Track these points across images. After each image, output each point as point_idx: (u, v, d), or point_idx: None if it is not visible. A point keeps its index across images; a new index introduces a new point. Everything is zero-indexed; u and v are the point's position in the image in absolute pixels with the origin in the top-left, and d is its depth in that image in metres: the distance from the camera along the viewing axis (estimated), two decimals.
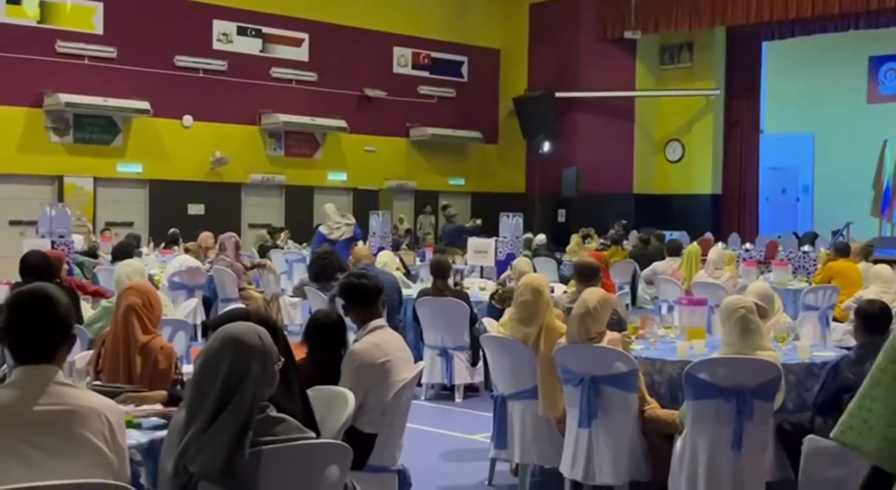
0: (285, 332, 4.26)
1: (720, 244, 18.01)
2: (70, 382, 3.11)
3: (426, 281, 11.84)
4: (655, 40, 25.55)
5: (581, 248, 16.74)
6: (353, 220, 15.60)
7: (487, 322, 7.16)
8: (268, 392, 3.26)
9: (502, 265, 13.12)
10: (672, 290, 12.51)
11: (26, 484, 2.77)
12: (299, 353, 5.11)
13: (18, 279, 7.64)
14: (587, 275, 7.52)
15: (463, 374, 9.22)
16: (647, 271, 15.02)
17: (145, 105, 19.77)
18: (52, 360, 3.05)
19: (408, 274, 13.23)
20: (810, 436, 5.30)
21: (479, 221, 21.56)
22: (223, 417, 3.09)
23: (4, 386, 3.11)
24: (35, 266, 6.92)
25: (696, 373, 5.27)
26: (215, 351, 3.19)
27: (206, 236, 14.48)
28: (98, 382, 4.45)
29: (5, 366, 4.42)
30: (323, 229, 15.01)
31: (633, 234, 20.89)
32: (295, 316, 13.01)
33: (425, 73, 25.23)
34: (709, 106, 25.46)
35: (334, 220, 15.19)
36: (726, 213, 25.46)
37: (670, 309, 8.04)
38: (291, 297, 12.91)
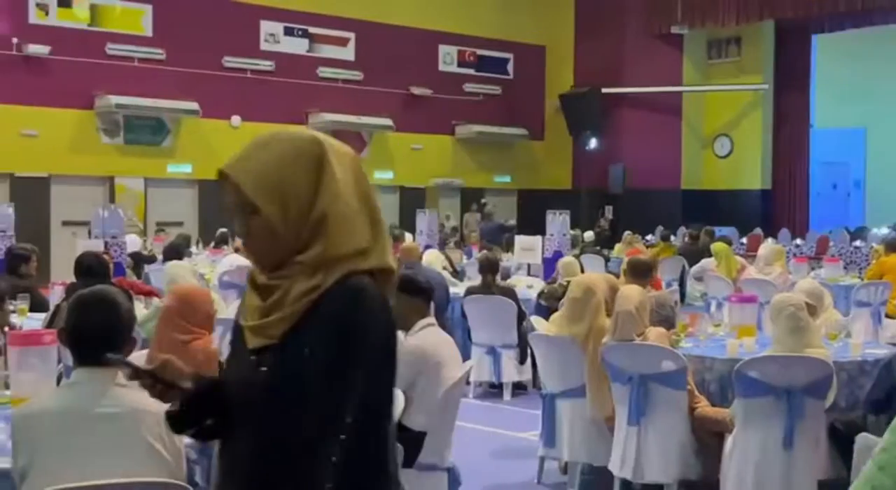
0: None
1: (770, 240, 17.84)
2: (129, 384, 3.17)
3: (473, 279, 11.88)
4: (702, 35, 25.36)
5: (629, 247, 16.64)
6: None
7: (535, 320, 7.16)
8: None
9: (549, 263, 13.09)
10: (721, 287, 12.40)
11: (87, 482, 2.84)
12: None
13: (73, 279, 7.79)
14: (640, 271, 7.47)
15: (511, 372, 9.23)
16: (695, 268, 14.90)
17: (194, 106, 19.98)
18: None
19: (454, 272, 13.26)
20: (862, 434, 5.25)
21: (512, 221, 21.56)
22: None
23: (65, 386, 3.18)
24: (90, 267, 7.03)
25: (747, 371, 5.25)
26: None
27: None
28: None
29: (60, 364, 4.52)
30: None
31: (682, 230, 20.77)
32: None
33: (471, 71, 25.24)
34: (757, 100, 25.21)
35: None
36: (776, 209, 25.22)
37: (719, 306, 8.01)
38: None
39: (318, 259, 1.96)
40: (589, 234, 18.29)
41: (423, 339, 4.99)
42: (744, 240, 20.90)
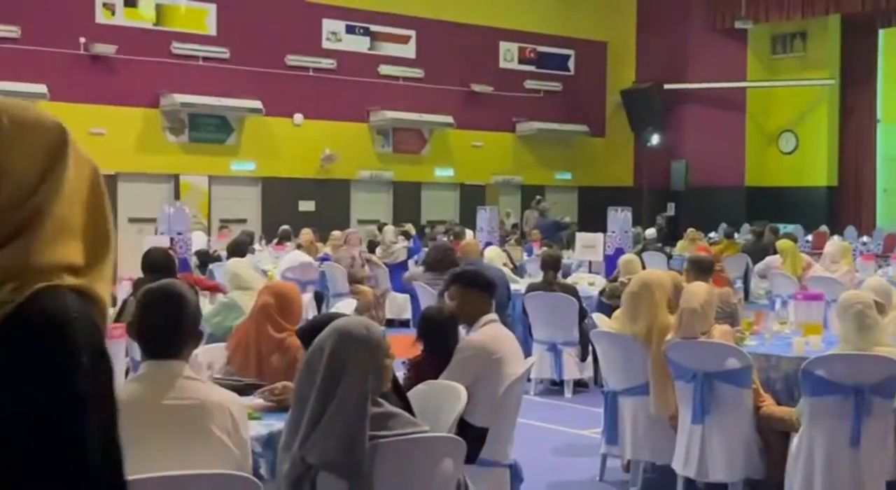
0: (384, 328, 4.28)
1: (836, 237, 17.58)
2: (196, 377, 3.22)
3: (533, 276, 11.86)
4: (767, 29, 25.02)
5: (692, 244, 16.50)
6: (409, 242, 15.55)
7: (597, 317, 7.13)
8: (379, 386, 3.32)
9: (611, 260, 13.02)
10: (786, 284, 12.26)
11: (156, 474, 2.88)
12: (413, 351, 5.19)
13: (139, 275, 7.90)
14: (703, 268, 7.41)
15: (572, 369, 9.20)
16: (759, 266, 14.74)
17: (257, 104, 20.18)
18: (180, 355, 3.16)
19: (514, 269, 13.25)
20: None
21: (567, 219, 21.48)
22: (332, 408, 3.17)
23: (133, 379, 3.23)
24: (156, 263, 7.13)
25: (814, 369, 5.18)
26: (322, 343, 3.29)
27: (305, 232, 14.83)
28: (219, 376, 4.58)
29: (128, 358, 4.59)
30: (378, 252, 14.68)
31: (746, 227, 20.54)
32: (403, 311, 13.20)
33: (531, 68, 25.18)
34: (823, 96, 24.82)
35: (389, 240, 15.02)
36: (842, 206, 24.81)
37: (784, 304, 7.91)
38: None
39: (15, 263, 1.41)
40: (650, 232, 18.16)
41: (485, 334, 4.99)
42: (809, 237, 20.61)
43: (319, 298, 12.39)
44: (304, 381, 3.33)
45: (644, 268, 9.81)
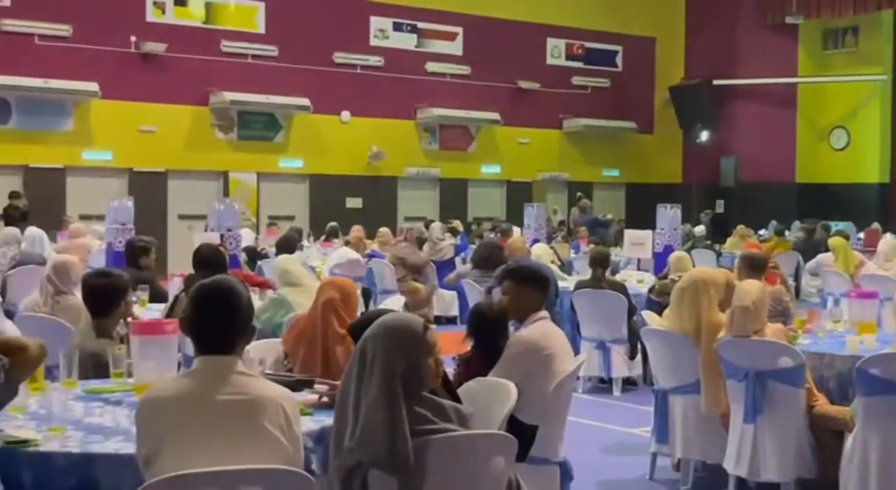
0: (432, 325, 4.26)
1: (889, 235, 17.32)
2: (249, 372, 3.22)
3: (581, 273, 11.81)
4: (818, 24, 24.73)
5: (742, 241, 16.34)
6: (456, 239, 15.48)
7: (647, 315, 7.07)
8: (420, 382, 3.30)
9: (660, 258, 12.93)
10: (839, 282, 12.10)
11: (208, 469, 2.90)
12: (461, 347, 5.18)
13: (190, 271, 7.97)
14: (756, 266, 7.33)
15: (621, 367, 9.14)
16: (811, 263, 14.58)
17: (305, 102, 20.29)
18: (233, 350, 3.17)
19: (561, 266, 13.20)
20: None
21: (609, 216, 21.36)
22: (366, 404, 3.18)
23: (186, 375, 3.25)
24: (208, 259, 7.19)
25: (868, 368, 5.10)
26: (363, 338, 3.30)
27: (356, 229, 14.92)
28: (270, 372, 4.61)
29: (180, 354, 4.63)
30: (425, 249, 14.54)
31: (796, 224, 20.30)
32: (450, 308, 13.20)
33: (579, 64, 25.09)
34: (875, 91, 24.48)
35: (436, 237, 14.94)
36: (895, 203, 24.44)
37: (836, 302, 7.80)
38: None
39: None
40: (700, 229, 18.02)
41: (536, 330, 4.97)
42: (861, 235, 20.30)
43: (367, 295, 12.43)
44: (347, 375, 3.34)
45: (694, 265, 9.72)
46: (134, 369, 4.26)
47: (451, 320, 12.93)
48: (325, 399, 4.09)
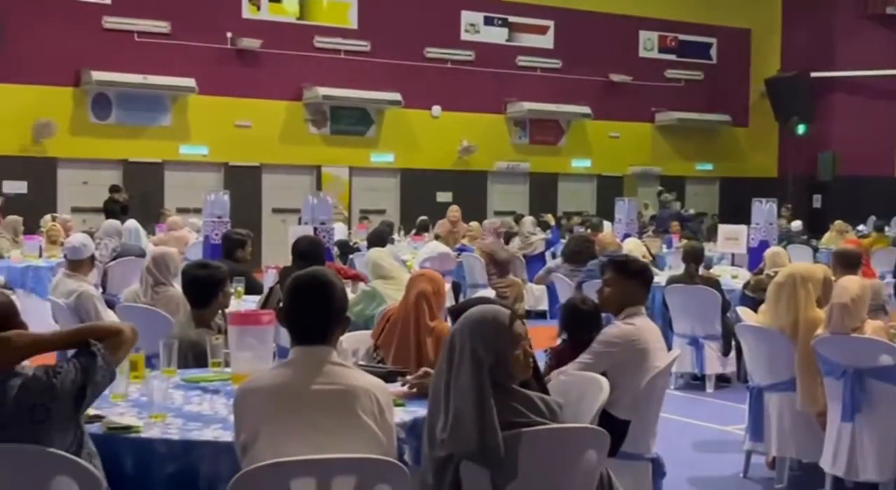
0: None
1: None
2: (344, 363, 3.27)
3: (674, 268, 11.67)
4: None
5: (840, 237, 15.99)
6: (547, 233, 15.40)
7: (742, 311, 6.96)
8: (508, 374, 3.31)
9: (754, 253, 12.72)
10: None
11: (306, 456, 2.95)
12: (551, 342, 5.18)
13: (284, 264, 8.10)
14: (850, 262, 7.18)
15: (714, 363, 9.01)
16: None
17: (397, 96, 20.42)
18: (328, 340, 3.21)
19: (653, 260, 13.06)
20: None
21: (692, 210, 21.04)
22: (454, 395, 3.19)
23: (282, 365, 3.30)
24: (305, 251, 7.29)
25: None
26: (453, 329, 3.31)
27: (448, 221, 15.00)
28: (363, 363, 4.66)
29: (274, 344, 4.71)
30: (516, 242, 14.41)
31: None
32: (539, 303, 13.16)
33: (672, 57, 24.79)
34: None
35: (527, 231, 14.84)
36: None
37: None
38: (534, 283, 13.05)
39: None
40: (796, 224, 17.66)
41: (630, 323, 4.94)
42: None
43: (457, 289, 12.47)
44: (438, 368, 3.36)
45: (790, 261, 9.53)
46: (231, 359, 4.34)
47: (540, 315, 12.89)
48: (410, 388, 4.11)
